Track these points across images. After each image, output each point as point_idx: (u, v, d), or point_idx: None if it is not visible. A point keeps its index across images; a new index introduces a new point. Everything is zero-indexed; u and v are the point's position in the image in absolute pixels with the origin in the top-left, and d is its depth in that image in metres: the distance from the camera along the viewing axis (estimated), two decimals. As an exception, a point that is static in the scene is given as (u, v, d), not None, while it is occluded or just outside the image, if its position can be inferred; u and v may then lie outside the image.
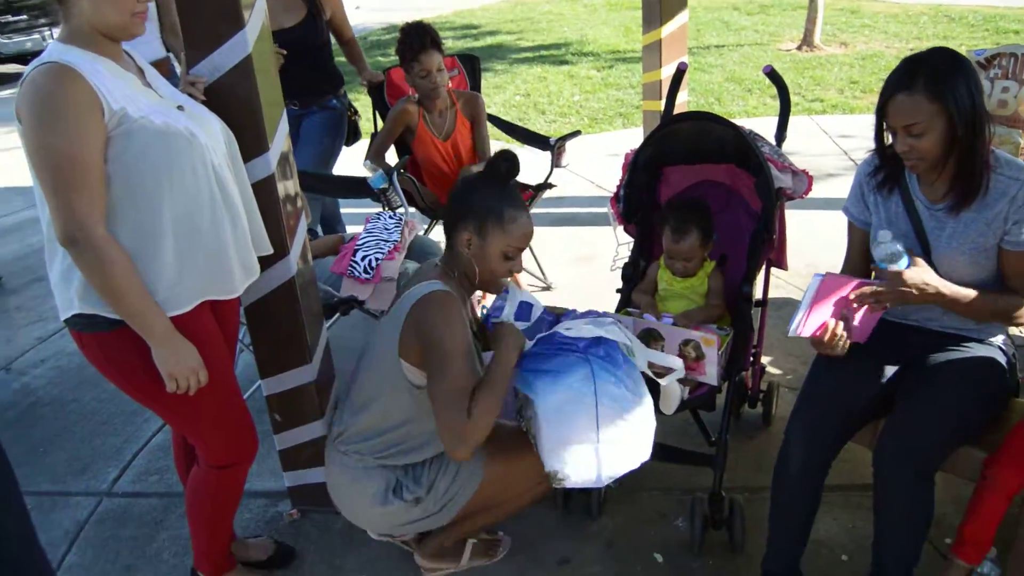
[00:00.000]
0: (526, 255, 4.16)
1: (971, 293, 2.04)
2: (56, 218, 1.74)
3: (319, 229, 4.10)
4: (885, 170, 2.18)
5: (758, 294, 2.76)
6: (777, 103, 2.81)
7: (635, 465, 2.10)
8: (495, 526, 2.56)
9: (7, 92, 12.00)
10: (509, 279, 2.30)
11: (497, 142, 4.98)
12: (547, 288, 4.29)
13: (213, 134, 1.97)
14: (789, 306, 3.91)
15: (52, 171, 1.71)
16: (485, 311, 3.02)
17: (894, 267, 1.98)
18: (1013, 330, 2.81)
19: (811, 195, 2.69)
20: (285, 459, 2.70)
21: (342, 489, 2.27)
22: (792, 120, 2.90)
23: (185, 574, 2.54)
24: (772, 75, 2.77)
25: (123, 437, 3.35)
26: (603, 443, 2.03)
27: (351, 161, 4.57)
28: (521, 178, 4.22)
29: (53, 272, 1.91)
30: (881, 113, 2.04)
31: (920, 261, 2.02)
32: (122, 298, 1.79)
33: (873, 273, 2.29)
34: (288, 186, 2.34)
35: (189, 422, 2.10)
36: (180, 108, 1.93)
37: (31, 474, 3.14)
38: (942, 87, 1.91)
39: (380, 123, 4.16)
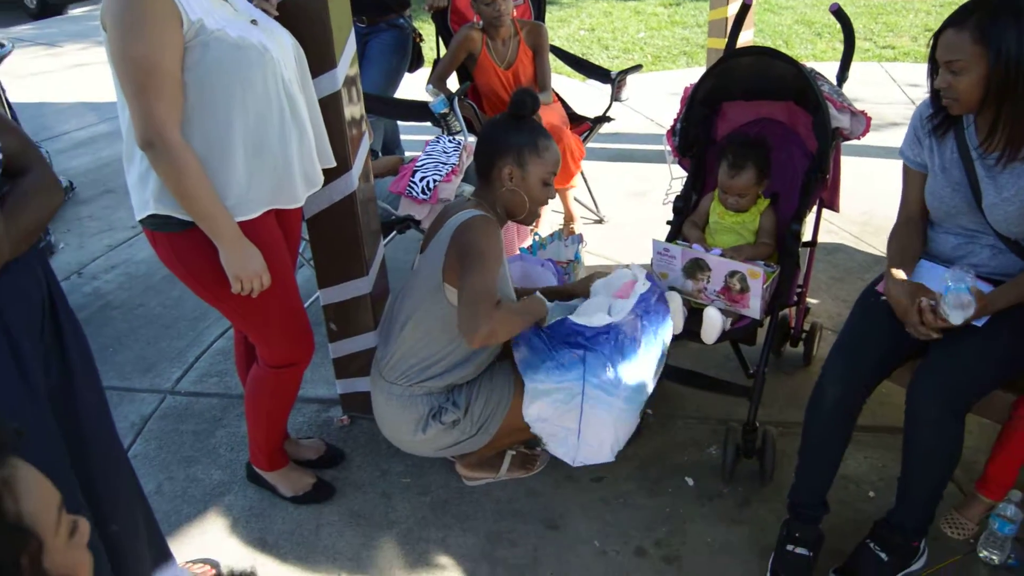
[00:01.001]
0: (581, 189, 4.22)
1: (1007, 296, 2.07)
2: (136, 123, 1.83)
3: (379, 152, 4.19)
4: (941, 113, 2.18)
5: (808, 234, 2.78)
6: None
7: (609, 459, 2.35)
8: (534, 441, 2.67)
9: (80, 10, 12.23)
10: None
11: (558, 75, 4.99)
12: (599, 221, 4.33)
13: (284, 49, 2.03)
14: (840, 251, 3.91)
15: (134, 77, 1.79)
16: (539, 240, 3.12)
17: (964, 316, 2.00)
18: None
19: (872, 143, 2.69)
20: (338, 367, 2.84)
21: (387, 416, 2.40)
22: (861, 66, 2.88)
23: (240, 468, 2.71)
24: (838, 14, 2.73)
25: (186, 341, 3.52)
26: (582, 439, 2.31)
27: (413, 87, 4.63)
28: (580, 111, 4.31)
29: (131, 174, 2.00)
30: (934, 46, 2.04)
31: (978, 296, 2.04)
32: (194, 201, 1.89)
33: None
34: (353, 103, 2.41)
35: (251, 322, 2.22)
36: (254, 22, 1.99)
37: (100, 371, 3.32)
38: (990, 29, 1.91)
39: (443, 49, 4.20)
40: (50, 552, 0.82)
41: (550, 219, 4.24)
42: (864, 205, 4.27)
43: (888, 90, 6.34)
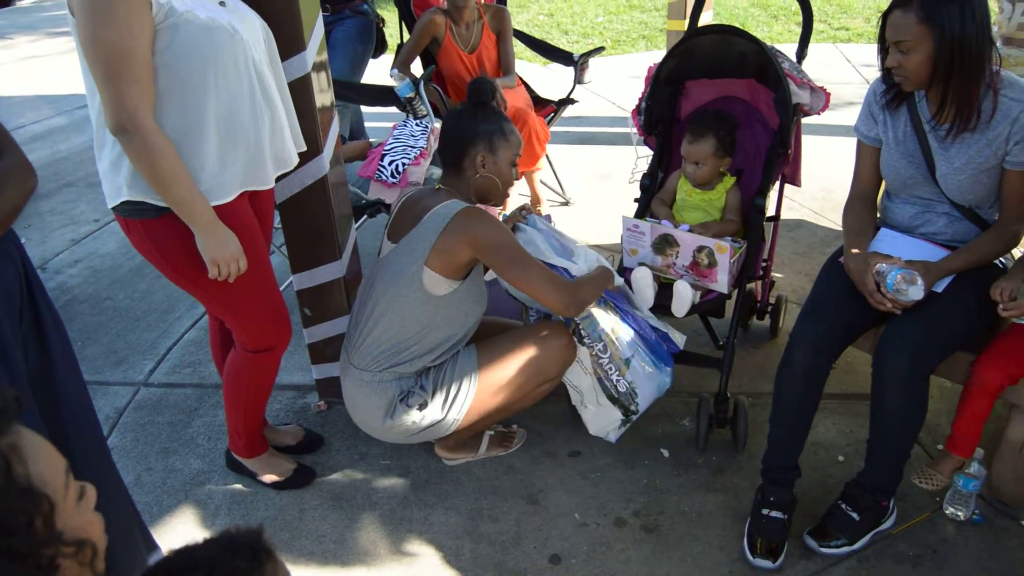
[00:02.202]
0: (547, 171, 4.25)
1: (961, 259, 2.18)
2: (107, 108, 1.81)
3: (346, 137, 4.18)
4: (894, 89, 2.24)
5: (771, 210, 2.83)
6: (800, 29, 2.84)
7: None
8: (510, 420, 2.70)
9: (30, 1, 11.96)
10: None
11: (520, 60, 5.01)
12: (566, 203, 4.37)
13: (254, 30, 2.02)
14: (802, 227, 3.99)
15: (104, 63, 1.77)
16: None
17: (910, 297, 2.10)
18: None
19: (830, 122, 2.75)
20: (313, 353, 2.84)
21: (357, 403, 2.41)
22: (816, 47, 2.94)
23: (219, 457, 2.71)
24: (797, -9, 2.79)
25: (157, 332, 3.50)
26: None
27: (377, 72, 4.61)
28: (544, 94, 4.34)
29: (102, 161, 1.98)
30: (883, 27, 2.11)
31: (921, 267, 2.14)
32: (169, 186, 1.87)
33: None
34: (323, 86, 2.42)
35: (228, 306, 2.21)
36: (222, 3, 1.98)
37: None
38: (933, 10, 1.98)
39: (406, 34, 4.20)
40: (62, 514, 0.84)
41: (516, 202, 4.26)
42: (823, 182, 4.36)
43: (843, 70, 6.45)
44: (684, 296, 2.46)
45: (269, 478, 2.56)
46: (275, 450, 2.63)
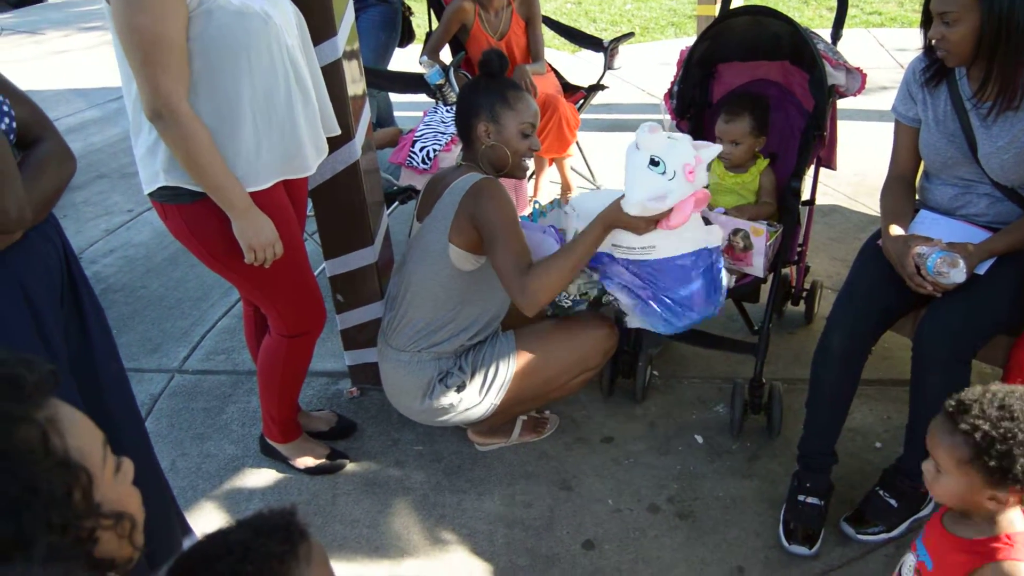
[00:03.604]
0: (577, 158, 4.23)
1: (1004, 241, 2.13)
2: (143, 94, 1.82)
3: (375, 125, 4.19)
4: (935, 65, 2.20)
5: (806, 193, 2.80)
6: (832, 15, 2.80)
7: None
8: (544, 406, 2.70)
9: (61, -5, 12.08)
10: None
11: (547, 48, 4.99)
12: (596, 188, 4.35)
13: (286, 15, 2.02)
14: (836, 212, 3.94)
15: (140, 48, 1.78)
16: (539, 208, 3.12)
17: (952, 280, 2.04)
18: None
19: (864, 106, 2.71)
20: (346, 339, 2.85)
21: (395, 384, 2.42)
22: (849, 32, 2.90)
23: (253, 443, 2.73)
24: (832, -29, 2.75)
25: (191, 320, 3.53)
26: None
27: (405, 62, 4.61)
28: (573, 80, 4.32)
29: (139, 147, 1.99)
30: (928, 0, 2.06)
31: (963, 249, 2.08)
32: (205, 171, 1.89)
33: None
34: (354, 71, 2.42)
35: (264, 292, 2.23)
36: (255, -11, 1.99)
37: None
38: None
39: (435, 22, 4.19)
40: (100, 486, 0.84)
41: (548, 189, 4.25)
42: (857, 167, 4.30)
43: (876, 55, 6.36)
44: (719, 280, 2.44)
45: (303, 463, 2.58)
46: (308, 436, 2.65)
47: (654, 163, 1.96)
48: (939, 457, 1.37)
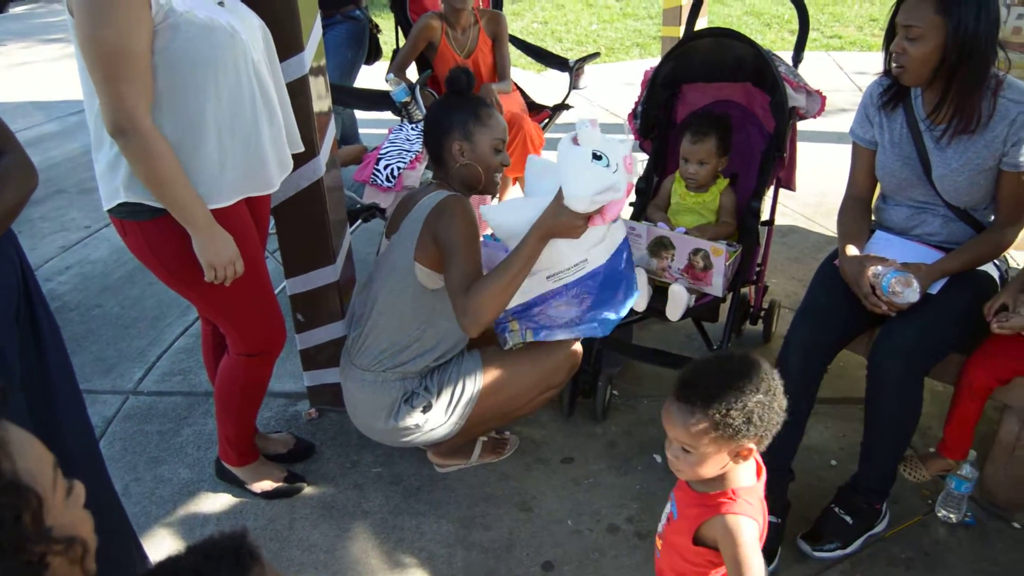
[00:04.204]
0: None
1: (957, 261, 2.18)
2: (105, 109, 1.80)
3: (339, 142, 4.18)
4: (894, 87, 2.24)
5: (766, 214, 2.84)
6: (794, 38, 2.85)
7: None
8: (502, 427, 2.69)
9: (22, 8, 11.95)
10: None
11: (514, 67, 5.01)
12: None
13: (253, 30, 2.01)
14: (794, 233, 4.00)
15: (102, 62, 1.75)
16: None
17: (905, 299, 2.09)
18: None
19: (824, 128, 2.76)
20: (305, 359, 2.83)
21: (358, 404, 2.40)
22: (809, 56, 2.96)
23: (209, 466, 2.68)
24: (793, -4, 2.81)
25: (147, 340, 3.48)
26: None
27: (373, 78, 4.62)
28: (539, 99, 4.34)
29: (99, 162, 1.97)
30: (895, 11, 2.11)
31: (916, 269, 2.13)
32: (167, 188, 1.87)
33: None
34: (320, 88, 2.42)
35: (223, 310, 2.20)
36: (221, 3, 1.97)
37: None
38: (953, 3, 1.97)
39: (402, 39, 4.20)
40: (50, 510, 0.82)
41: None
42: (816, 188, 4.38)
43: (836, 78, 6.49)
44: (679, 299, 2.46)
45: (259, 487, 2.54)
46: (266, 458, 2.61)
47: (597, 157, 2.00)
48: (683, 437, 1.45)
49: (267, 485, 2.54)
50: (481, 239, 3.04)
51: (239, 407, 2.42)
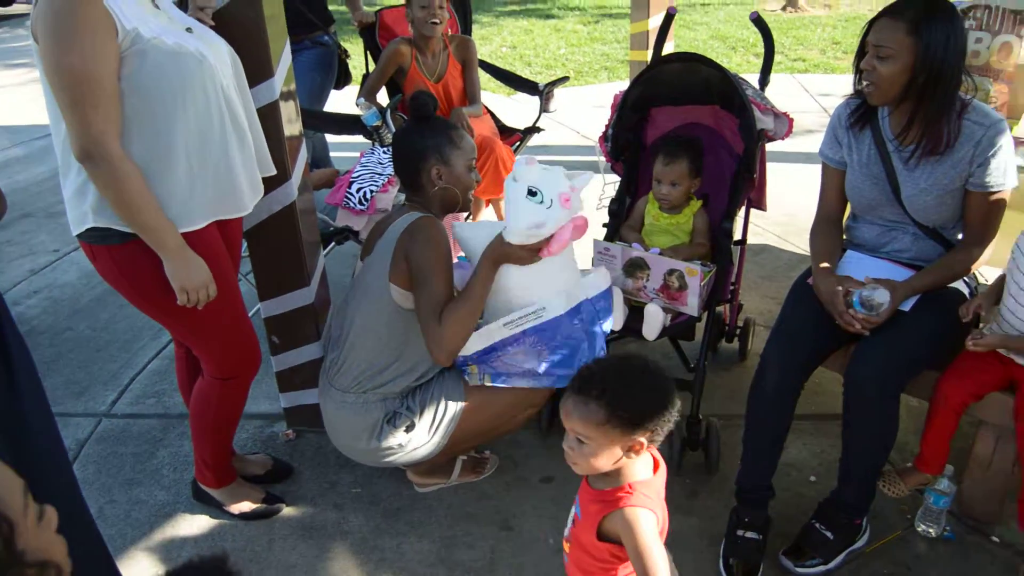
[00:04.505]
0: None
1: (927, 279, 2.22)
2: (72, 134, 1.79)
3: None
4: (862, 108, 2.29)
5: (738, 233, 2.87)
6: (760, 61, 2.90)
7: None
8: (482, 445, 2.69)
9: (-15, 32, 11.81)
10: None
11: (484, 91, 5.05)
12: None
13: (221, 56, 2.02)
14: (766, 251, 4.05)
15: (69, 88, 1.75)
16: None
17: (876, 301, 2.13)
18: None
19: (791, 149, 2.81)
20: (281, 381, 2.81)
21: (339, 425, 2.39)
22: (775, 78, 3.01)
23: (185, 488, 2.65)
24: (758, 22, 2.85)
25: (119, 363, 3.44)
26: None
27: (343, 103, 4.62)
28: (509, 123, 4.37)
29: (67, 188, 1.95)
30: (867, 30, 2.14)
31: (888, 283, 2.17)
32: (136, 212, 1.86)
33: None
34: (291, 112, 2.42)
35: (197, 334, 2.19)
36: (189, 30, 1.98)
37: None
38: (925, 25, 2.02)
39: (372, 64, 4.22)
40: (22, 535, 0.81)
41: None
42: (786, 207, 4.44)
43: (802, 100, 6.61)
44: (655, 319, 2.48)
45: (237, 508, 2.51)
46: (243, 480, 2.58)
47: (532, 193, 2.12)
48: (578, 427, 1.51)
49: (245, 506, 2.52)
50: (455, 260, 3.06)
51: (215, 430, 2.39)
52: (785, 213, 4.40)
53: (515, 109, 6.12)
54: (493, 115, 4.35)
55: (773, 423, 2.24)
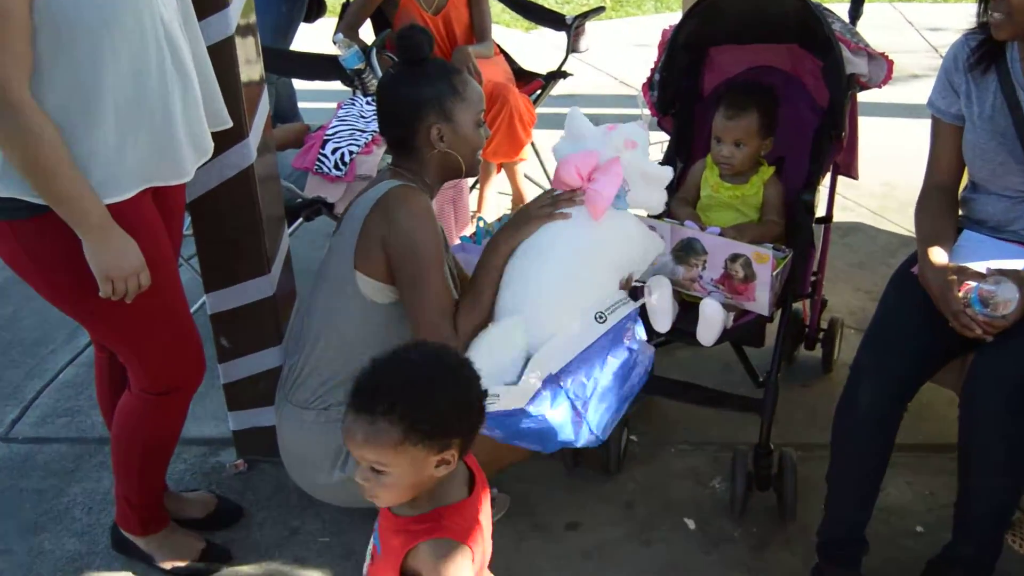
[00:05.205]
0: (534, 165, 4.26)
1: None
2: None
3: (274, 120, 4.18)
4: (986, 45, 2.26)
5: (821, 209, 2.85)
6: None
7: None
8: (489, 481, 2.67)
9: None
10: None
11: (497, 24, 5.03)
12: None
13: (162, -21, 2.02)
14: (858, 231, 4.03)
15: None
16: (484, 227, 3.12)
17: (1000, 299, 2.09)
18: None
19: (891, 100, 2.77)
20: (231, 396, 2.82)
21: (296, 451, 2.39)
22: (871, 8, 2.98)
23: (103, 534, 2.65)
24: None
25: (23, 371, 3.46)
26: None
27: (314, 41, 4.61)
28: (529, 66, 4.35)
29: None
30: None
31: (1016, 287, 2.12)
32: (49, 178, 1.86)
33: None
34: (249, 52, 2.43)
35: (123, 335, 2.18)
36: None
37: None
38: None
39: (353, -8, 4.20)
40: None
41: (497, 202, 4.27)
42: (884, 174, 4.41)
43: (905, 35, 6.56)
44: (713, 319, 2.46)
45: (169, 564, 2.51)
46: (178, 525, 2.59)
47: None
48: (370, 455, 1.52)
49: (180, 561, 2.52)
50: (458, 242, 3.05)
51: (142, 461, 2.39)
52: (882, 182, 4.38)
53: (536, 48, 6.10)
54: (508, 56, 4.33)
55: (867, 457, 2.22)
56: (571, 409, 2.09)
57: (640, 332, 2.23)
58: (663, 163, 2.87)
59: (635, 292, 2.39)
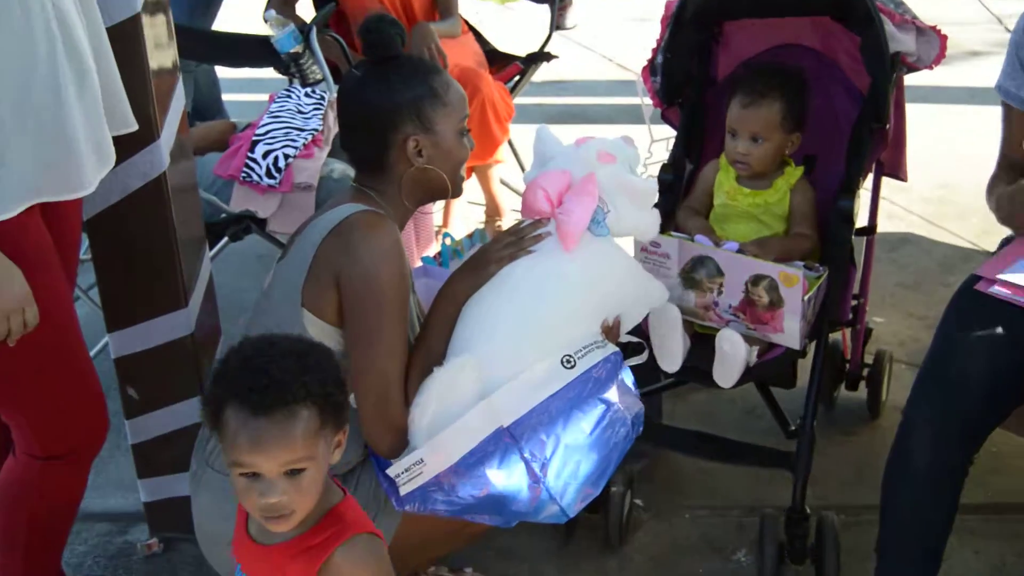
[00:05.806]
0: (510, 165, 4.27)
1: None
2: None
3: (192, 116, 4.18)
4: None
5: (863, 218, 2.86)
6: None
7: None
8: (454, 559, 2.68)
9: None
10: None
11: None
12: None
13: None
14: (909, 244, 4.05)
15: None
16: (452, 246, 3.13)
17: None
18: None
19: (948, 83, 2.78)
20: (141, 460, 2.80)
21: (216, 530, 2.33)
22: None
23: (-17, 637, 2.64)
24: None
25: None
26: None
27: (240, 21, 4.62)
28: (504, 47, 4.36)
29: None
30: None
31: None
32: None
33: None
34: (160, 34, 2.43)
35: (6, 387, 2.17)
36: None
37: None
38: None
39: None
40: None
41: (466, 213, 4.27)
42: (939, 175, 4.44)
43: (963, 6, 6.60)
44: (734, 355, 2.46)
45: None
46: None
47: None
48: (284, 454, 1.58)
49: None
50: (420, 264, 3.05)
51: (30, 539, 2.37)
52: (938, 184, 4.40)
53: (512, 26, 6.13)
54: (479, 35, 4.35)
55: (926, 519, 2.22)
56: (526, 472, 2.07)
57: (627, 379, 2.22)
58: (668, 164, 2.90)
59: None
